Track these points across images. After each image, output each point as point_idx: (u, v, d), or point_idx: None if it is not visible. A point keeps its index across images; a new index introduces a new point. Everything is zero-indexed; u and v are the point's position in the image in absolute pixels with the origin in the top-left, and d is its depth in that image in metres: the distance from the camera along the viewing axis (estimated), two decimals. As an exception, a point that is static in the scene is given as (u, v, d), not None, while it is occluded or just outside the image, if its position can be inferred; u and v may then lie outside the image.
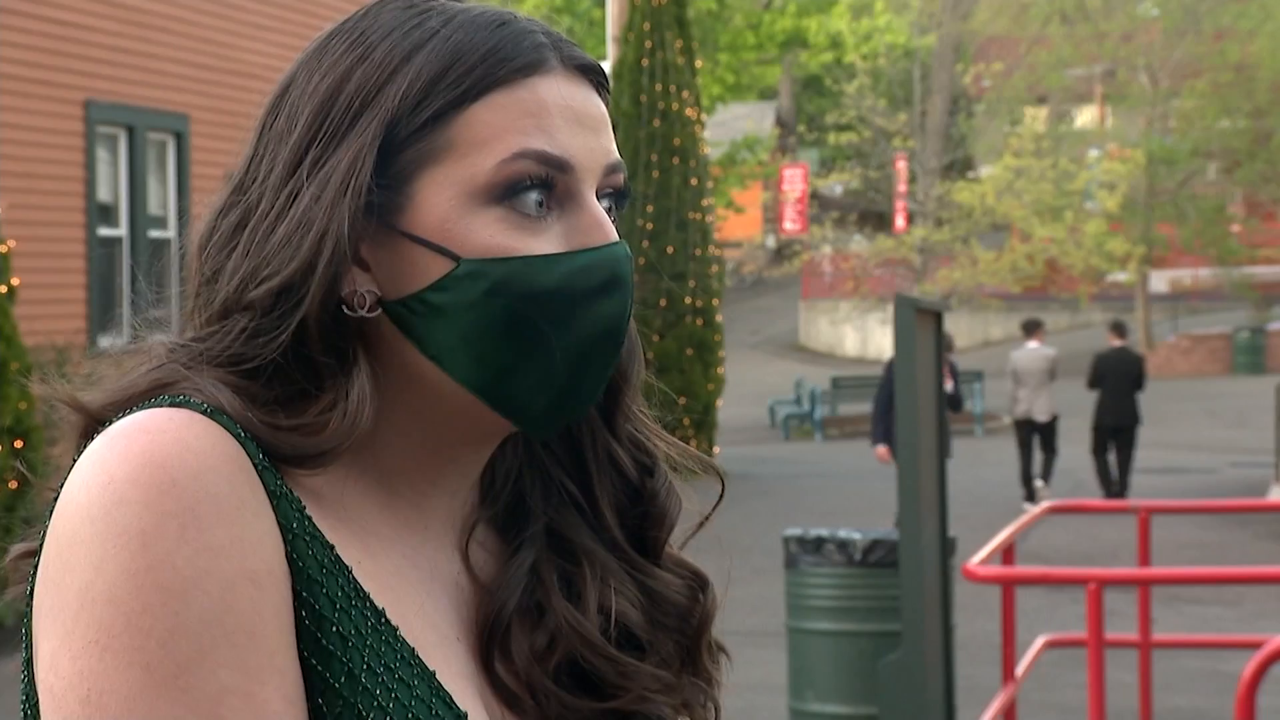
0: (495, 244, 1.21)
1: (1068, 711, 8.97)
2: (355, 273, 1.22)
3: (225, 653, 1.10)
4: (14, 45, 14.98)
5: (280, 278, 1.20)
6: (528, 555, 1.30)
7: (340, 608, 1.17)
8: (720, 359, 21.35)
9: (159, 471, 1.11)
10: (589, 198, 1.24)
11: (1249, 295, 42.13)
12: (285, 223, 1.21)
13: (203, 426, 1.15)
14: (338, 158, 1.21)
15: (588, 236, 1.23)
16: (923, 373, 5.66)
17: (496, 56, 1.23)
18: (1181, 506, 10.63)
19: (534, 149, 1.22)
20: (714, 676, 1.35)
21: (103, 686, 1.09)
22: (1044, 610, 11.76)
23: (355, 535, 1.22)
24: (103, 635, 1.09)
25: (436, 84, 1.22)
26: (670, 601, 1.33)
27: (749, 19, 39.01)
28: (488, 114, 1.22)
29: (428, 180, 1.22)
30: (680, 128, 20.99)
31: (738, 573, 13.25)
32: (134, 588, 1.09)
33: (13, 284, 12.43)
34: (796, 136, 53.43)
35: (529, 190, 1.22)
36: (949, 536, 6.24)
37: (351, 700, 1.15)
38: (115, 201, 16.37)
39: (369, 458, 1.24)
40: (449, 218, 1.21)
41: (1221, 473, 21.43)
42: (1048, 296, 42.84)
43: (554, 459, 1.34)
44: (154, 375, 1.22)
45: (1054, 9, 41.26)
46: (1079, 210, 38.75)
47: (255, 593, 1.12)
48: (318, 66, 1.25)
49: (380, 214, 1.21)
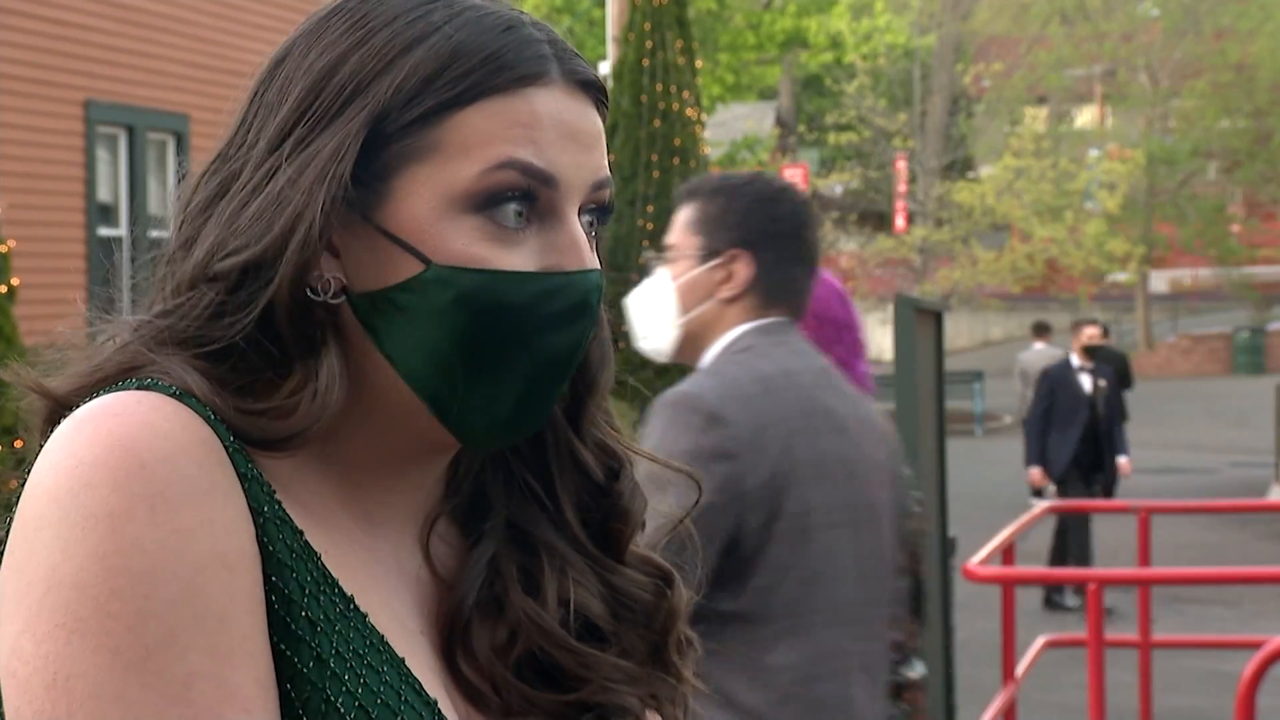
0: (468, 253, 1.19)
1: (1068, 711, 8.97)
2: (325, 258, 1.21)
3: (195, 636, 1.08)
4: (14, 45, 14.98)
5: (249, 253, 1.19)
6: (487, 549, 1.29)
7: (309, 593, 1.15)
8: (720, 359, 21.32)
9: (127, 454, 1.10)
10: (570, 216, 1.23)
11: (1249, 295, 42.16)
12: (260, 198, 1.20)
13: (171, 409, 1.14)
14: (322, 142, 1.20)
15: (563, 257, 1.22)
16: (923, 373, 5.65)
17: (496, 62, 1.21)
18: (1181, 506, 10.64)
19: (520, 160, 1.20)
20: (682, 673, 1.34)
21: (70, 670, 1.07)
22: (1044, 610, 11.76)
23: (320, 526, 1.21)
24: (70, 619, 1.07)
25: (431, 82, 1.20)
26: (634, 598, 1.32)
27: (749, 19, 38.97)
28: (479, 120, 1.20)
29: (409, 178, 1.20)
30: (680, 128, 20.99)
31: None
32: (102, 571, 1.08)
33: (13, 284, 12.44)
34: (796, 136, 53.41)
35: (509, 201, 1.20)
36: (949, 536, 6.24)
37: (320, 685, 1.14)
38: (115, 201, 16.37)
39: (333, 449, 1.23)
40: (426, 219, 1.20)
41: (1221, 473, 21.42)
42: (1048, 297, 42.85)
43: (517, 455, 1.32)
44: (120, 359, 1.20)
45: (1054, 9, 41.27)
46: (1079, 210, 38.76)
47: (227, 576, 1.11)
48: (316, 42, 1.23)
49: (358, 205, 1.20)
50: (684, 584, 1.36)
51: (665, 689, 1.32)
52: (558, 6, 35.65)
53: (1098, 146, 41.63)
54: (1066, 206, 38.29)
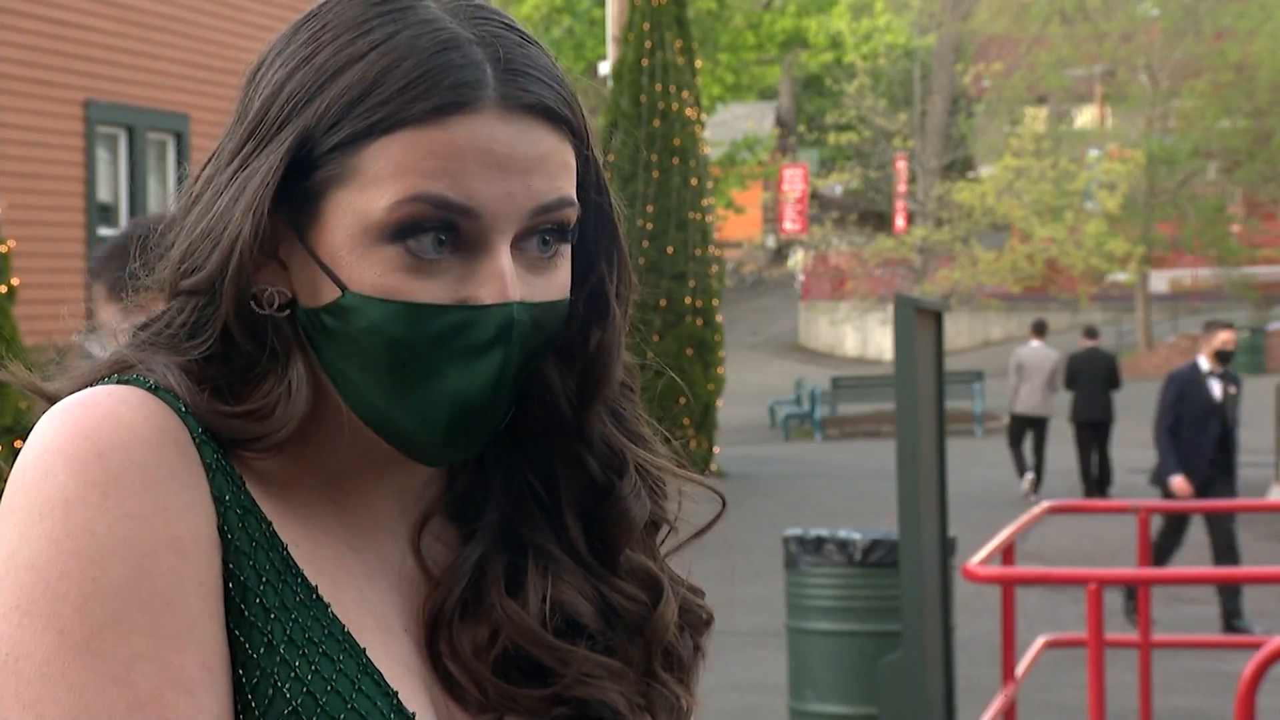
0: (381, 283, 1.19)
1: (1068, 711, 8.97)
2: (274, 270, 1.23)
3: (140, 619, 1.11)
4: (14, 45, 14.98)
5: (198, 276, 1.22)
6: (476, 548, 1.30)
7: (267, 580, 1.17)
8: (720, 359, 21.34)
9: (86, 442, 1.13)
10: (497, 246, 1.20)
11: (1249, 295, 42.15)
12: (209, 217, 1.23)
13: (138, 400, 1.17)
14: (258, 164, 1.21)
15: (481, 289, 1.20)
16: (923, 373, 5.65)
17: (415, 90, 1.19)
18: (1182, 507, 10.64)
19: (431, 193, 1.18)
20: (671, 687, 1.33)
21: (19, 652, 1.10)
22: (1044, 610, 11.77)
23: (298, 519, 1.22)
24: (23, 600, 1.11)
25: (352, 108, 1.19)
26: (624, 610, 1.32)
27: (749, 19, 38.99)
28: (394, 150, 1.18)
29: (333, 202, 1.20)
30: (680, 128, 20.99)
31: (738, 573, 13.27)
32: (54, 554, 1.11)
33: (13, 284, 12.44)
34: (796, 136, 53.41)
35: (425, 232, 1.19)
36: (949, 536, 6.24)
37: (269, 670, 1.15)
38: (115, 201, 16.38)
39: (314, 452, 1.25)
40: (343, 246, 1.20)
41: (1221, 473, 21.40)
42: (1048, 296, 42.84)
43: (520, 449, 1.32)
44: (113, 361, 1.24)
45: (1054, 9, 41.28)
46: (1079, 210, 38.76)
47: (177, 561, 1.13)
48: (280, 54, 1.25)
49: (295, 225, 1.22)
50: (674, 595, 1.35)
51: (661, 699, 1.32)
52: (558, 6, 35.64)
53: (1098, 146, 41.63)
54: (1066, 206, 38.30)
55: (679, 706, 1.33)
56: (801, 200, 47.88)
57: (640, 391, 1.38)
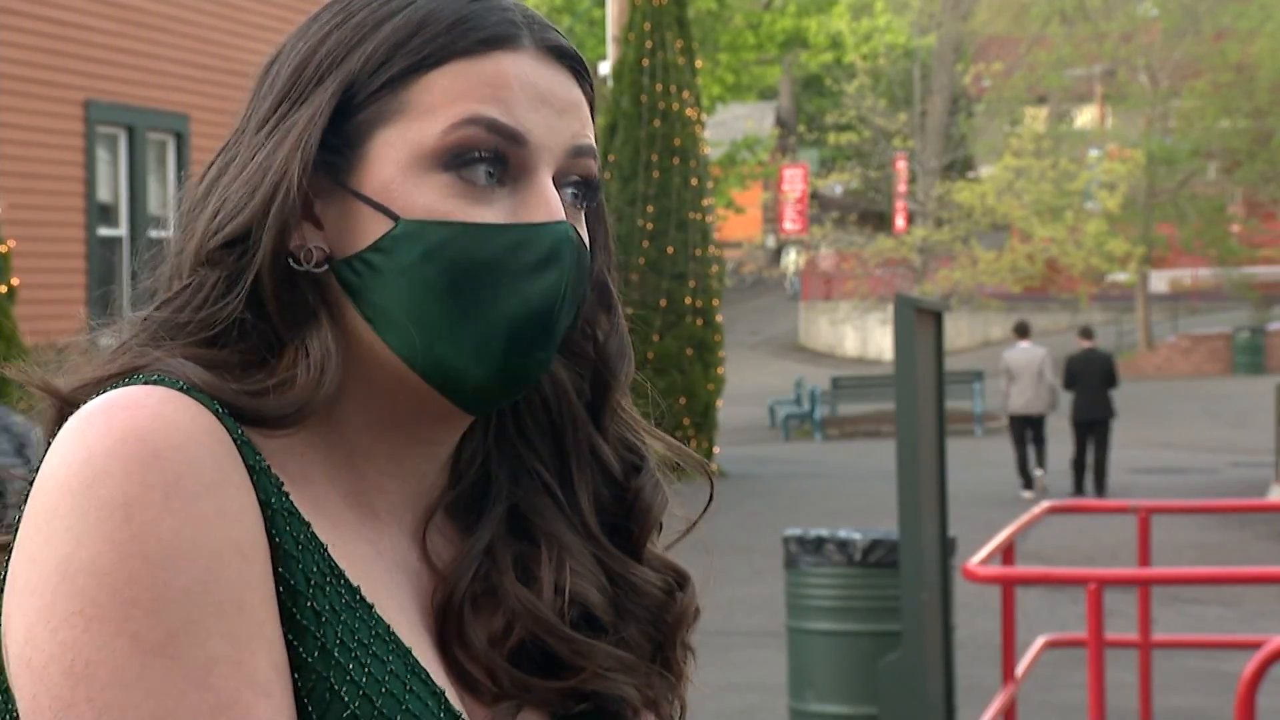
0: (436, 208, 1.21)
1: (1068, 711, 8.97)
2: (308, 229, 1.23)
3: (214, 622, 1.09)
4: (14, 45, 14.98)
5: (233, 225, 1.21)
6: (482, 538, 1.30)
7: (315, 584, 1.16)
8: (720, 359, 21.34)
9: (140, 444, 1.10)
10: (542, 176, 1.23)
11: (1249, 295, 42.17)
12: (245, 172, 1.23)
13: (180, 401, 1.14)
14: (298, 115, 1.23)
15: (533, 213, 1.22)
16: (923, 373, 5.66)
17: (463, 26, 1.23)
18: (1181, 506, 10.62)
19: (485, 116, 1.21)
20: (684, 674, 1.35)
21: (88, 657, 1.07)
22: (1044, 610, 11.77)
23: (326, 519, 1.21)
24: (87, 605, 1.07)
25: (400, 48, 1.23)
26: (645, 595, 1.32)
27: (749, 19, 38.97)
28: (445, 80, 1.22)
29: (380, 141, 1.22)
30: (680, 128, 20.99)
31: (738, 573, 13.28)
32: (119, 558, 1.08)
33: (13, 284, 12.44)
34: (796, 136, 53.41)
35: (478, 162, 1.21)
36: (949, 536, 6.24)
37: (324, 674, 1.14)
38: (115, 201, 16.38)
39: (334, 433, 1.24)
40: (394, 178, 1.21)
41: (1221, 473, 21.44)
42: (1048, 296, 42.85)
43: (529, 448, 1.33)
44: (124, 357, 1.22)
45: (1054, 9, 41.28)
46: (1079, 210, 38.77)
47: (241, 563, 1.11)
48: (305, 33, 1.27)
49: (334, 172, 1.23)
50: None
51: (663, 686, 1.33)
52: (558, 6, 35.66)
53: (1098, 146, 41.64)
54: (1066, 206, 38.31)
55: (680, 693, 1.35)
56: (801, 200, 47.89)
57: (632, 384, 1.38)
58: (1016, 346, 20.62)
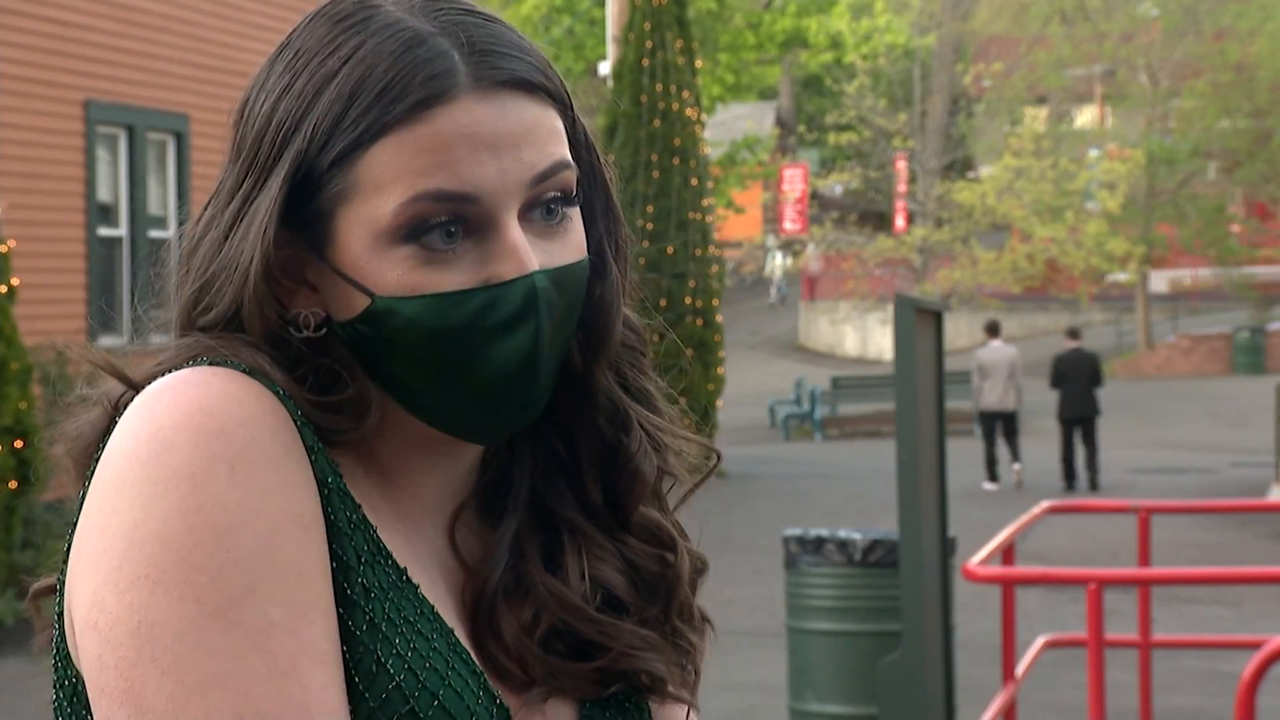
0: (405, 281, 1.23)
1: (1068, 711, 8.97)
2: (304, 295, 1.28)
3: (274, 589, 1.13)
4: (14, 45, 14.98)
5: (217, 310, 1.26)
6: (509, 528, 1.34)
7: (365, 561, 1.21)
8: (720, 359, 21.35)
9: (208, 419, 1.16)
10: (505, 223, 1.24)
11: (1249, 295, 42.15)
12: (221, 255, 1.27)
13: (245, 381, 1.20)
14: (263, 195, 1.25)
15: (500, 266, 1.24)
16: (923, 372, 5.66)
17: (391, 94, 1.23)
18: (1181, 506, 10.62)
19: (431, 189, 1.22)
20: (692, 641, 1.37)
21: (154, 619, 1.12)
22: (1044, 610, 11.77)
23: (371, 510, 1.26)
24: (154, 570, 1.12)
25: (338, 125, 1.23)
26: (643, 567, 1.36)
27: (749, 19, 38.93)
28: (385, 155, 1.23)
29: (343, 217, 1.25)
30: (680, 128, 20.98)
31: (738, 573, 13.28)
32: (186, 526, 1.13)
33: (13, 284, 12.44)
34: (796, 136, 53.41)
35: (435, 228, 1.23)
36: (949, 536, 6.24)
37: (371, 648, 1.18)
38: (115, 201, 16.37)
39: (367, 454, 1.29)
40: (362, 255, 1.24)
41: (1221, 473, 21.43)
42: (1048, 296, 42.85)
43: (546, 420, 1.36)
44: (187, 351, 1.26)
45: (1054, 9, 41.28)
46: (1079, 210, 38.76)
47: (301, 535, 1.16)
48: (262, 88, 1.29)
49: (315, 245, 1.26)
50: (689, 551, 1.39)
51: (676, 655, 1.36)
52: (558, 6, 35.62)
53: (1098, 146, 41.64)
54: (1066, 206, 38.30)
55: (693, 661, 1.38)
56: (801, 200, 47.89)
57: (648, 353, 1.40)
58: (989, 345, 21.18)
